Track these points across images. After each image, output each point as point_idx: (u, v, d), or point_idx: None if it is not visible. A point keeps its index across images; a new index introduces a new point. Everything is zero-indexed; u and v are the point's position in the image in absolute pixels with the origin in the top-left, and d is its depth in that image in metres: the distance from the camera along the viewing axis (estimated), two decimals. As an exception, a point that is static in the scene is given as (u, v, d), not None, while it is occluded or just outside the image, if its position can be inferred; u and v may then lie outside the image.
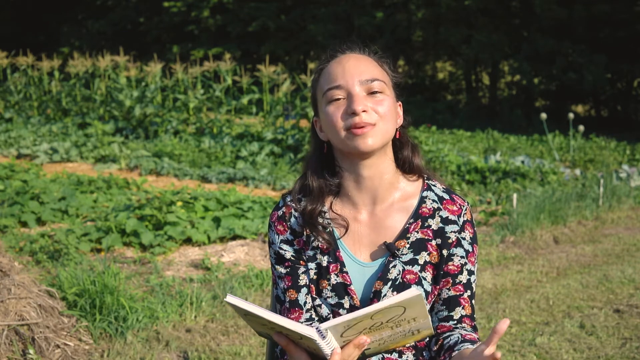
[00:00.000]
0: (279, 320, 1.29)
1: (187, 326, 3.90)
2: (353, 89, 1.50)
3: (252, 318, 1.34)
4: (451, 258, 1.56)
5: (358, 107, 1.47)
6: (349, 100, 1.50)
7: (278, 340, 1.36)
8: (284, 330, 1.32)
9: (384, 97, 1.52)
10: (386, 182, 1.58)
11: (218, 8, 25.40)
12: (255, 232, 5.78)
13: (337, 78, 1.52)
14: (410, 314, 1.30)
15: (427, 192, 1.61)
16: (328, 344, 1.30)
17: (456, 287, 1.56)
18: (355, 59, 1.55)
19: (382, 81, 1.53)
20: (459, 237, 1.57)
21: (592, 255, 5.78)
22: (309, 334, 1.27)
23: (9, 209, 6.08)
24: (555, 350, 3.67)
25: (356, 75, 1.51)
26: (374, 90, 1.51)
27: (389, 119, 1.52)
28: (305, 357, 1.36)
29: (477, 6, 19.59)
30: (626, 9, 17.48)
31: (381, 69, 1.57)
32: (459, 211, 1.59)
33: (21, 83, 16.39)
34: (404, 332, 1.36)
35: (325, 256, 1.57)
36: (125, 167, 9.83)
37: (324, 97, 1.54)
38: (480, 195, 7.86)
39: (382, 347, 1.41)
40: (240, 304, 1.30)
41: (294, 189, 1.65)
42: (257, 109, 13.54)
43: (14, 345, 3.26)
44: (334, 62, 1.56)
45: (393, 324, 1.32)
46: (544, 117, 10.81)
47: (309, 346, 1.34)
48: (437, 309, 1.57)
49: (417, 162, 1.63)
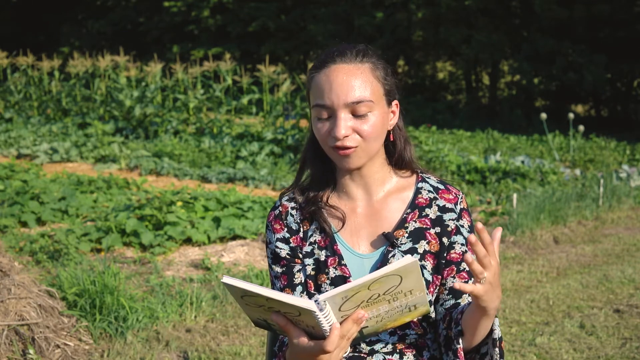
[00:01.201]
0: (276, 295, 1.28)
1: (187, 326, 3.90)
2: (338, 112, 1.50)
3: (249, 300, 1.33)
4: (452, 246, 1.58)
5: (340, 133, 1.48)
6: (332, 123, 1.51)
7: (277, 320, 1.34)
8: (283, 308, 1.31)
9: (370, 117, 1.51)
10: (379, 180, 1.62)
11: (218, 8, 25.41)
12: (255, 232, 5.79)
13: (323, 95, 1.51)
14: (407, 285, 1.31)
15: (422, 183, 1.64)
16: (327, 317, 1.29)
17: (460, 274, 1.57)
18: (344, 73, 1.50)
19: (369, 100, 1.50)
20: (457, 225, 1.59)
21: (592, 255, 5.78)
22: (307, 306, 1.26)
23: (9, 209, 6.09)
24: (555, 350, 3.67)
25: (342, 95, 1.49)
26: (359, 113, 1.50)
27: (373, 137, 1.53)
28: (304, 338, 1.35)
29: (477, 6, 19.58)
30: (626, 9, 17.48)
31: (372, 79, 1.53)
32: (455, 199, 1.62)
33: (21, 83, 16.39)
34: (400, 307, 1.36)
35: (323, 250, 1.59)
36: (125, 167, 9.83)
37: (312, 109, 1.55)
38: (480, 195, 7.86)
39: (380, 326, 1.41)
40: (237, 284, 1.29)
41: (294, 180, 1.68)
42: (257, 109, 13.54)
43: (14, 345, 3.26)
44: (323, 73, 1.52)
45: (390, 297, 1.32)
46: (544, 117, 10.81)
47: (307, 324, 1.33)
48: (443, 299, 1.57)
49: (409, 157, 1.65)
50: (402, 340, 1.57)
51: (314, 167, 1.65)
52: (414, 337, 1.57)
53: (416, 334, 1.57)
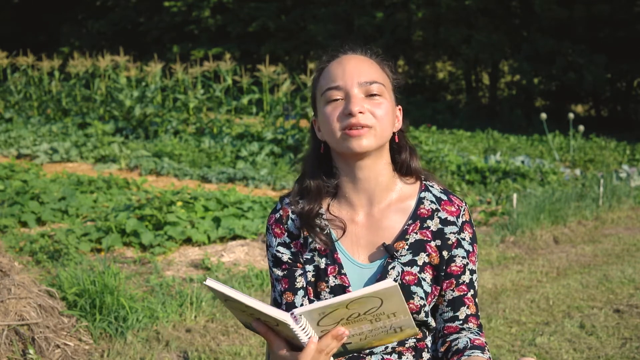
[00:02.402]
0: (255, 304, 1.27)
1: (187, 326, 3.90)
2: (352, 90, 1.50)
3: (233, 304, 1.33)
4: (453, 259, 1.56)
5: (355, 108, 1.47)
6: (347, 101, 1.50)
7: (257, 327, 1.34)
8: (262, 317, 1.31)
9: (382, 100, 1.52)
10: (382, 184, 1.58)
11: (218, 8, 25.42)
12: (255, 232, 5.78)
13: (336, 78, 1.52)
14: (389, 308, 1.29)
15: (424, 193, 1.62)
16: (304, 329, 1.28)
17: (460, 287, 1.56)
18: (356, 60, 1.54)
19: (381, 84, 1.52)
20: (458, 238, 1.57)
21: (592, 255, 5.78)
22: (283, 318, 1.26)
23: (9, 209, 6.09)
24: (555, 350, 3.67)
25: (356, 76, 1.51)
26: (372, 92, 1.51)
27: (385, 122, 1.52)
28: (283, 347, 1.34)
29: (477, 6, 19.59)
30: (626, 9, 17.48)
31: (382, 71, 1.57)
32: (457, 212, 1.59)
33: (21, 83, 16.39)
34: (385, 328, 1.34)
35: (323, 258, 1.57)
36: (125, 167, 9.83)
37: (322, 97, 1.54)
38: (480, 195, 7.86)
39: (364, 343, 1.40)
40: (219, 288, 1.29)
41: (292, 190, 1.66)
42: (257, 109, 13.54)
43: (14, 345, 3.26)
44: (334, 62, 1.55)
45: (372, 318, 1.31)
46: (544, 117, 10.81)
47: (287, 335, 1.32)
48: (441, 311, 1.57)
49: (415, 165, 1.63)
50: (401, 344, 1.56)
51: (314, 180, 1.61)
52: (413, 340, 1.57)
53: (415, 338, 1.57)
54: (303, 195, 1.62)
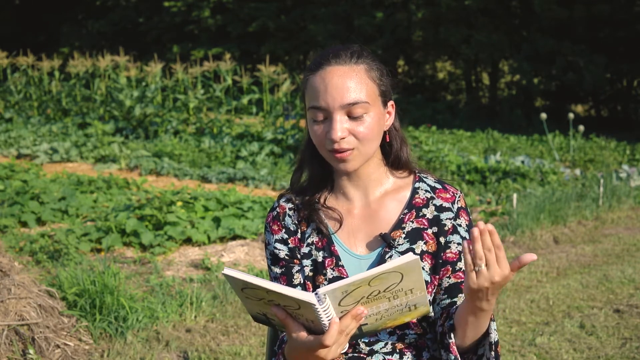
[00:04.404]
0: (277, 287, 1.28)
1: (187, 326, 3.90)
2: (334, 114, 1.49)
3: (250, 293, 1.34)
4: (448, 245, 1.58)
5: (336, 136, 1.48)
6: (329, 125, 1.50)
7: (276, 313, 1.34)
8: (283, 301, 1.31)
9: (366, 118, 1.51)
10: (375, 180, 1.62)
11: (218, 8, 25.40)
12: (255, 232, 5.79)
13: (319, 97, 1.50)
14: (408, 283, 1.31)
15: (419, 183, 1.64)
16: (326, 311, 1.29)
17: (456, 274, 1.57)
18: (339, 75, 1.50)
19: (364, 102, 1.50)
20: (454, 224, 1.59)
21: (592, 255, 5.78)
22: (307, 299, 1.26)
23: (9, 209, 6.09)
24: (555, 350, 3.67)
25: (338, 98, 1.49)
26: (355, 115, 1.50)
27: (369, 139, 1.52)
28: (303, 332, 1.35)
29: (477, 6, 19.58)
30: (626, 9, 17.47)
31: (367, 81, 1.52)
32: (452, 198, 1.62)
33: (21, 83, 16.39)
34: (401, 306, 1.36)
35: (321, 252, 1.60)
36: (125, 167, 9.83)
37: (308, 111, 1.55)
38: (480, 195, 7.86)
39: (379, 324, 1.41)
40: (238, 275, 1.29)
41: (290, 180, 1.70)
42: (257, 109, 13.54)
43: (14, 345, 3.26)
44: (318, 75, 1.52)
45: (390, 295, 1.33)
46: (544, 117, 10.80)
47: (307, 318, 1.33)
48: (439, 299, 1.58)
49: (406, 158, 1.65)
50: (402, 340, 1.57)
51: (312, 168, 1.66)
52: (414, 337, 1.57)
53: (415, 333, 1.57)
54: (302, 184, 1.67)
